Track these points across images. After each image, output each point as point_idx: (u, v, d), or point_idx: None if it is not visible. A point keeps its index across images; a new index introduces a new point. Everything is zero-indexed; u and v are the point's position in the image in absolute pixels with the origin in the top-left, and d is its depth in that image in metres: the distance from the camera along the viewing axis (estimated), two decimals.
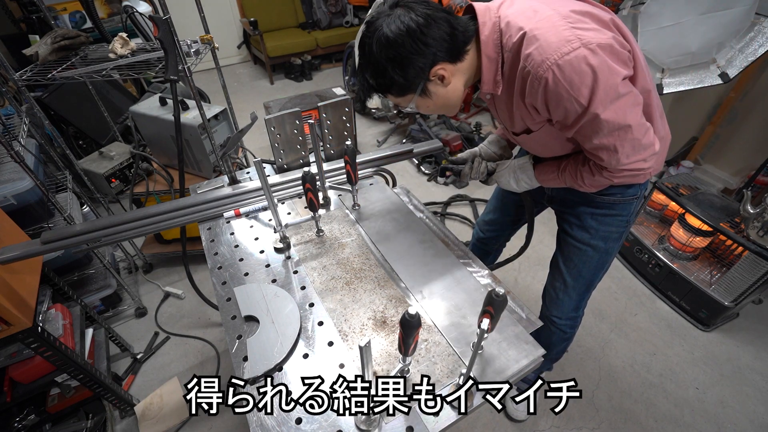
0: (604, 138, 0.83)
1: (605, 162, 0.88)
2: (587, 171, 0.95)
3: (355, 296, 0.92)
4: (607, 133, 0.82)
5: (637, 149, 0.84)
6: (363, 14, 4.87)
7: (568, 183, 1.03)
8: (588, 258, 1.17)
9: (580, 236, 1.16)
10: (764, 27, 1.71)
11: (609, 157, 0.86)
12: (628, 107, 0.80)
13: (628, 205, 1.09)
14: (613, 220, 1.10)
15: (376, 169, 1.35)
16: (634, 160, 0.86)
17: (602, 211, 1.10)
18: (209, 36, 1.82)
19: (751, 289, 1.71)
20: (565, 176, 1.02)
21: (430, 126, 3.19)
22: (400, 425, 0.69)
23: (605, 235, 1.13)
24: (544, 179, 1.08)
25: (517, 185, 1.14)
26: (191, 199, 1.18)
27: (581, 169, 0.97)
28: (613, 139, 0.82)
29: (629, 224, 1.13)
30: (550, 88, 0.78)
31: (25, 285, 1.22)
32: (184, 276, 2.25)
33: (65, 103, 2.54)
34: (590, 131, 0.83)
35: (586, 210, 1.12)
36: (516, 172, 1.13)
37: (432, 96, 0.89)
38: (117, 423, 1.65)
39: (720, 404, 1.64)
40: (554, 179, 1.05)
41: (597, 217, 1.11)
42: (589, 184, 0.98)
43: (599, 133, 0.82)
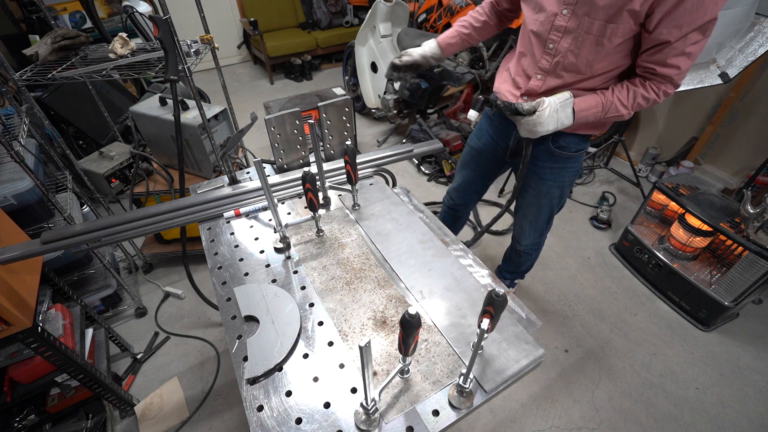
0: (695, 45, 0.88)
1: (680, 71, 0.93)
2: (644, 90, 0.99)
3: (355, 296, 0.92)
4: (701, 40, 0.88)
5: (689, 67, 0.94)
6: (363, 14, 4.87)
7: (609, 113, 1.04)
8: (547, 200, 1.39)
9: (538, 187, 1.35)
10: (764, 27, 1.71)
11: (685, 66, 0.92)
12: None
13: (579, 158, 1.29)
14: (566, 171, 1.31)
15: (376, 169, 1.35)
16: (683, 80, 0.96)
17: (559, 165, 1.28)
18: (209, 36, 1.82)
19: (751, 289, 1.71)
20: (612, 103, 1.03)
21: (430, 126, 3.19)
22: (400, 425, 0.69)
23: (560, 184, 1.34)
24: (584, 114, 1.07)
25: (553, 126, 1.09)
26: (191, 199, 1.18)
27: (635, 89, 1.00)
28: (699, 46, 0.89)
29: (578, 173, 1.35)
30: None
31: (25, 285, 1.22)
32: (184, 276, 2.25)
33: (65, 103, 2.54)
34: (694, 36, 0.87)
35: (545, 164, 1.29)
36: (558, 111, 1.08)
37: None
38: (117, 423, 1.65)
39: (720, 404, 1.64)
40: (596, 112, 1.06)
41: (554, 170, 1.30)
42: (637, 107, 1.02)
43: (699, 37, 0.87)
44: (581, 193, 2.87)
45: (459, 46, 1.38)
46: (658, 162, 2.94)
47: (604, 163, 3.11)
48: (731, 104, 2.49)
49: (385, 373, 0.76)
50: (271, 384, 0.76)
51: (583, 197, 2.82)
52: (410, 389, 0.74)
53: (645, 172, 2.97)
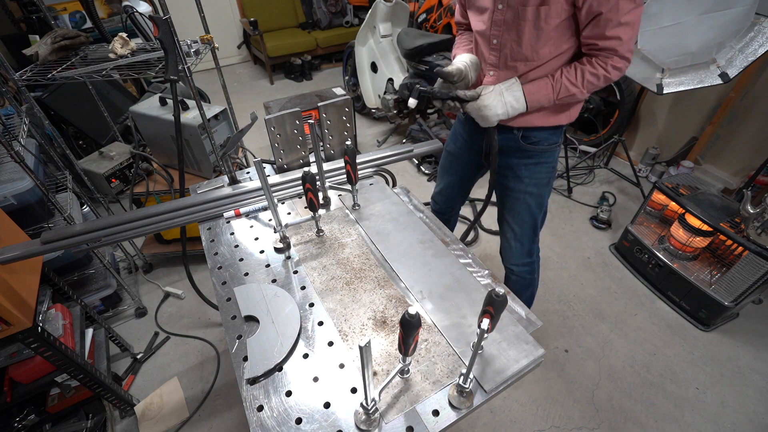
0: (629, 14, 0.92)
1: (623, 42, 0.96)
2: (591, 67, 1.02)
3: (355, 296, 0.92)
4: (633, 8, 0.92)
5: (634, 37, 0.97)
6: (363, 14, 4.87)
7: (561, 93, 1.07)
8: (526, 204, 1.35)
9: (515, 186, 1.33)
10: (764, 27, 1.71)
11: (626, 36, 0.95)
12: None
13: (553, 153, 1.27)
14: (541, 167, 1.29)
15: (376, 169, 1.35)
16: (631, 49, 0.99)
17: (532, 160, 1.27)
18: (209, 36, 1.83)
19: (751, 289, 1.71)
20: (561, 83, 1.06)
21: (430, 126, 3.19)
22: (400, 425, 0.69)
23: (537, 182, 1.31)
24: (535, 97, 1.09)
25: (502, 110, 1.11)
26: (191, 199, 1.18)
27: (583, 68, 1.03)
28: (634, 16, 0.93)
29: (554, 170, 1.32)
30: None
31: (25, 285, 1.22)
32: (184, 276, 2.25)
33: (65, 103, 2.54)
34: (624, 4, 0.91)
35: (518, 161, 1.28)
36: (503, 94, 1.10)
37: None
38: (117, 423, 1.65)
39: (720, 404, 1.64)
40: (546, 94, 1.08)
41: (529, 167, 1.29)
42: (588, 85, 1.04)
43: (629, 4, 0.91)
44: (581, 193, 2.87)
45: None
46: (658, 162, 2.94)
47: (604, 163, 3.11)
48: (731, 104, 2.49)
49: (385, 373, 0.76)
50: (271, 384, 0.76)
51: (583, 197, 2.82)
52: (410, 389, 0.74)
53: (645, 172, 2.97)
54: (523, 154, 1.27)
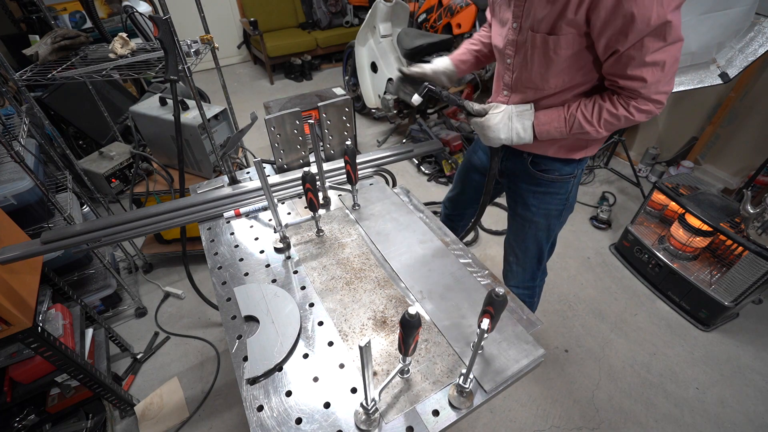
0: (660, 52, 0.77)
1: (647, 85, 0.82)
2: (610, 105, 0.90)
3: (355, 296, 0.92)
4: (665, 46, 0.77)
5: (672, 75, 0.81)
6: (363, 14, 4.87)
7: (574, 128, 0.95)
8: (532, 233, 1.26)
9: (523, 213, 1.25)
10: (764, 27, 1.71)
11: (653, 78, 0.81)
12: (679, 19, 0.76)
13: (565, 184, 1.16)
14: (551, 198, 1.18)
15: (376, 169, 1.35)
16: (666, 90, 0.83)
17: (542, 189, 1.17)
18: (209, 36, 1.82)
19: (751, 289, 1.71)
20: (575, 118, 0.94)
21: (430, 126, 3.19)
22: (400, 425, 0.69)
23: (545, 212, 1.21)
24: (545, 128, 0.99)
25: (505, 136, 1.02)
26: (191, 199, 1.18)
27: (602, 103, 0.91)
28: (667, 54, 0.78)
29: (568, 202, 1.20)
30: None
31: (25, 285, 1.22)
32: (184, 276, 2.25)
33: (65, 103, 2.54)
34: (650, 42, 0.77)
35: (528, 188, 1.20)
36: (512, 119, 1.01)
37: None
38: (117, 423, 1.65)
39: (720, 404, 1.64)
40: (558, 127, 0.97)
41: (537, 195, 1.19)
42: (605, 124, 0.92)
43: (660, 43, 0.77)
44: (581, 193, 2.87)
45: (473, 63, 1.28)
46: (658, 162, 2.94)
47: (604, 163, 3.12)
48: (731, 104, 2.49)
49: (385, 373, 0.76)
50: (271, 384, 0.76)
51: (583, 197, 2.82)
52: (410, 389, 0.74)
53: (645, 172, 2.97)
54: (532, 181, 1.17)
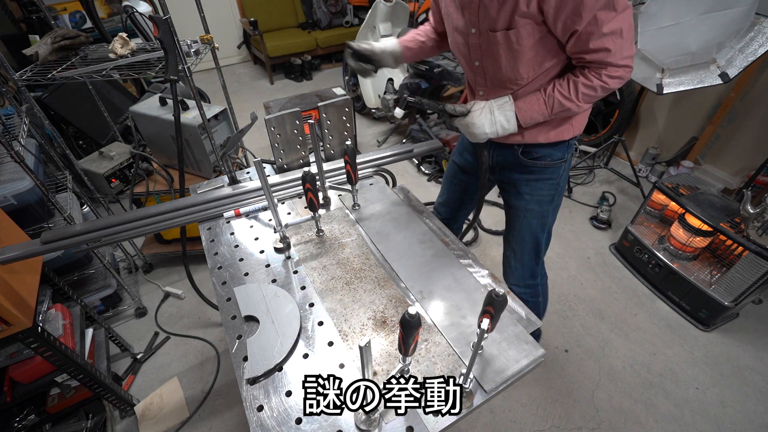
0: (614, 22, 0.83)
1: (612, 53, 0.87)
2: (584, 78, 0.94)
3: (355, 296, 0.92)
4: (617, 14, 0.82)
5: (630, 40, 0.87)
6: (363, 14, 4.87)
7: (555, 108, 0.99)
8: (526, 222, 1.27)
9: (516, 203, 1.27)
10: (764, 27, 1.71)
11: (615, 45, 0.86)
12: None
13: (556, 169, 1.18)
14: (543, 184, 1.20)
15: (376, 169, 1.35)
16: (630, 54, 0.88)
17: (534, 176, 1.20)
18: (209, 36, 1.83)
19: (751, 289, 1.71)
20: (554, 98, 0.98)
21: (430, 126, 3.19)
22: (400, 425, 0.69)
23: (538, 199, 1.23)
24: (527, 114, 1.03)
25: (490, 129, 1.06)
26: (191, 199, 1.18)
27: (576, 80, 0.95)
28: (620, 22, 0.83)
29: (559, 187, 1.23)
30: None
31: (25, 285, 1.22)
32: (184, 276, 2.25)
33: (65, 103, 2.54)
34: (603, 15, 0.82)
35: (519, 177, 1.22)
36: (494, 112, 1.05)
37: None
38: (117, 423, 1.65)
39: (720, 404, 1.64)
40: (539, 110, 1.01)
41: (530, 183, 1.21)
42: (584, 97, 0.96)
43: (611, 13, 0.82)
44: (581, 193, 2.87)
45: (417, 52, 1.30)
46: (658, 162, 2.94)
47: (604, 163, 3.11)
48: (731, 104, 2.49)
49: (385, 373, 0.76)
50: (271, 384, 0.76)
51: (583, 197, 2.82)
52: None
53: (645, 172, 2.97)
54: (524, 170, 1.20)
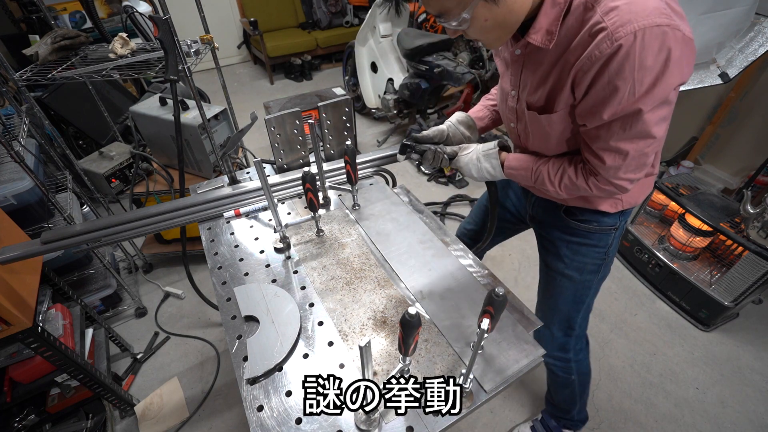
0: (625, 142, 0.73)
1: (605, 167, 0.78)
2: (573, 171, 0.85)
3: (355, 296, 0.92)
4: (631, 137, 0.73)
5: (639, 167, 0.78)
6: (363, 14, 4.87)
7: (538, 182, 0.91)
8: (563, 289, 1.11)
9: (554, 265, 1.11)
10: (764, 27, 1.71)
11: (613, 163, 0.77)
12: (663, 118, 0.72)
13: (605, 236, 1.02)
14: (588, 250, 1.04)
15: (376, 169, 1.34)
16: (629, 177, 0.79)
17: (577, 239, 1.04)
18: (209, 36, 1.83)
19: (751, 289, 1.71)
20: (540, 173, 0.90)
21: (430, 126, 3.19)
22: (400, 425, 0.69)
23: (580, 266, 1.07)
24: (514, 172, 0.95)
25: (477, 174, 1.00)
26: (191, 199, 1.18)
27: (566, 167, 0.86)
28: (632, 145, 0.74)
29: (608, 257, 1.06)
30: (618, 58, 0.65)
31: (25, 285, 1.22)
32: (184, 276, 2.25)
33: (65, 103, 2.54)
34: (617, 128, 0.73)
35: (561, 236, 1.07)
36: (480, 159, 0.99)
37: (500, 2, 0.70)
38: (117, 423, 1.65)
39: (720, 404, 1.64)
40: (525, 175, 0.93)
41: (572, 246, 1.05)
42: (565, 188, 0.87)
43: (625, 133, 0.73)
44: None
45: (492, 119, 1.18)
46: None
47: None
48: (731, 104, 2.49)
49: (385, 373, 0.76)
50: (271, 384, 0.76)
51: None
52: None
53: None
54: (567, 231, 1.05)
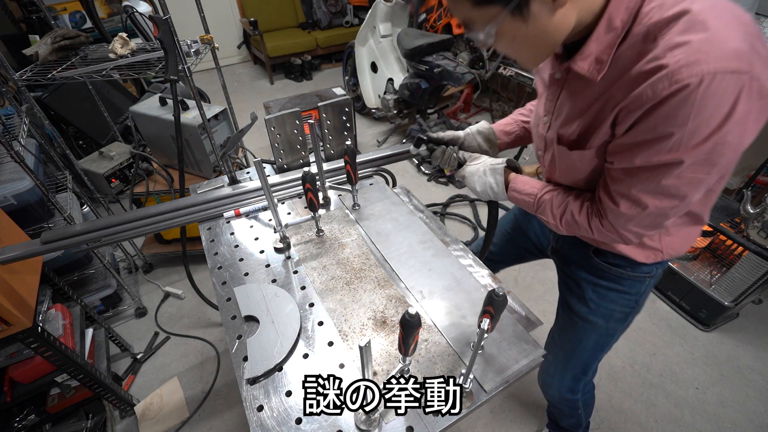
0: (648, 195, 0.64)
1: (617, 213, 0.69)
2: (576, 208, 0.77)
3: (355, 296, 0.92)
4: (657, 192, 0.63)
5: (653, 225, 0.69)
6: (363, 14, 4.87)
7: (539, 211, 0.84)
8: (585, 336, 1.02)
9: (577, 308, 1.00)
10: (764, 27, 1.71)
11: (627, 212, 0.67)
12: (701, 182, 0.61)
13: (638, 284, 0.91)
14: (618, 297, 0.93)
15: (376, 169, 1.34)
16: (638, 231, 0.70)
17: (606, 283, 0.93)
18: (209, 36, 1.83)
19: (751, 289, 1.71)
20: (543, 202, 0.83)
21: (430, 126, 3.19)
22: (399, 425, 0.69)
23: (607, 313, 0.96)
24: (517, 195, 0.89)
25: (480, 188, 0.94)
26: (191, 199, 1.18)
27: (570, 202, 0.78)
28: (654, 201, 0.64)
29: (638, 306, 0.96)
30: (673, 102, 0.53)
31: (25, 285, 1.22)
32: (184, 276, 2.25)
33: (65, 103, 2.54)
34: (645, 176, 0.62)
35: (588, 278, 0.95)
36: (486, 173, 0.93)
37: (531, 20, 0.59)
38: (117, 423, 1.65)
39: (720, 404, 1.64)
40: (528, 201, 0.87)
41: (599, 290, 0.94)
42: (566, 224, 0.80)
43: (652, 184, 0.62)
44: None
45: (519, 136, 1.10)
46: None
47: None
48: None
49: (385, 373, 0.76)
50: (271, 384, 0.76)
51: None
52: None
53: None
54: (595, 272, 0.93)
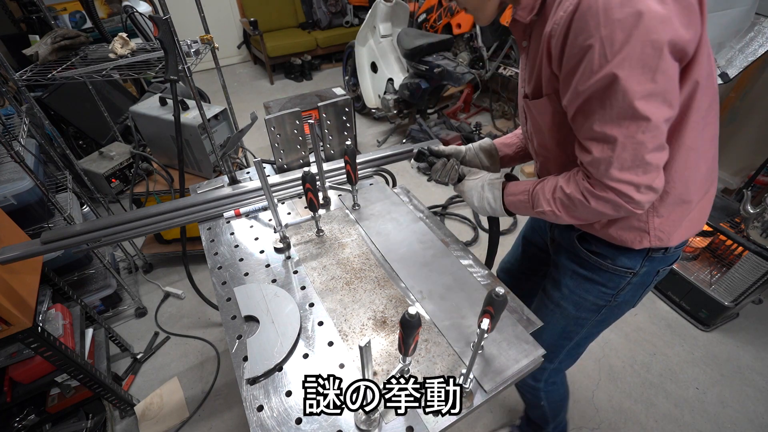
0: (610, 125, 0.61)
1: (594, 161, 0.66)
2: (564, 181, 0.75)
3: (355, 296, 0.92)
4: (616, 117, 0.60)
5: (636, 162, 0.63)
6: (363, 14, 4.87)
7: (536, 206, 0.82)
8: (552, 319, 1.01)
9: (552, 292, 1.01)
10: (764, 27, 1.71)
11: (601, 155, 0.64)
12: (651, 93, 0.58)
13: (617, 278, 0.88)
14: (593, 287, 0.92)
15: (376, 169, 1.34)
16: (628, 178, 0.64)
17: (585, 272, 0.92)
18: (209, 36, 1.83)
19: (751, 289, 1.71)
20: (537, 194, 0.81)
21: (430, 126, 3.19)
22: (399, 425, 0.69)
23: (579, 301, 0.95)
24: (513, 198, 0.88)
25: (477, 203, 0.94)
26: (191, 199, 1.18)
27: (559, 179, 0.77)
28: (618, 129, 0.61)
29: (614, 302, 0.92)
30: (579, 13, 0.58)
31: (25, 285, 1.22)
32: (184, 276, 2.25)
33: (65, 103, 2.54)
34: (597, 106, 0.62)
35: (568, 264, 0.96)
36: (484, 188, 0.93)
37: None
38: (117, 423, 1.65)
39: (720, 404, 1.64)
40: (523, 199, 0.85)
41: (576, 278, 0.94)
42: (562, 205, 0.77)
43: (606, 111, 0.61)
44: None
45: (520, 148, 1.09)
46: None
47: None
48: (731, 104, 2.49)
49: (385, 373, 0.76)
50: (271, 384, 0.76)
51: None
52: None
53: None
54: (574, 259, 0.93)
